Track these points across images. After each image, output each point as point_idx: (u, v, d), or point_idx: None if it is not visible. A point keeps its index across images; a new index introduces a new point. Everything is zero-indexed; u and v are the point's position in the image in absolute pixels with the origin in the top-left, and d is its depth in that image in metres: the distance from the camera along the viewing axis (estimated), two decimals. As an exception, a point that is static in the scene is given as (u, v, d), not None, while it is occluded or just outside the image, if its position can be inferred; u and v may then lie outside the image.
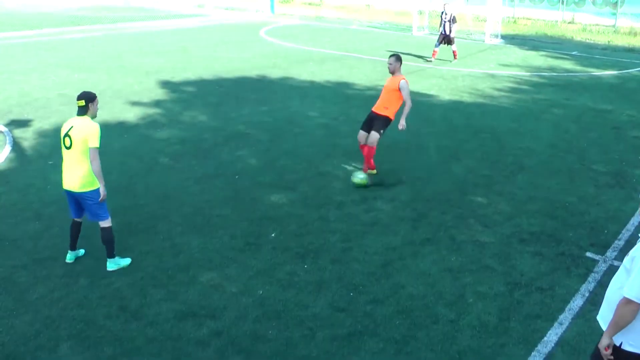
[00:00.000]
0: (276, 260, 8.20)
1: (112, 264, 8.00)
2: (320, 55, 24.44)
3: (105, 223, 7.90)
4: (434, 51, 23.33)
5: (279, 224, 9.25)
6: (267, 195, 10.30)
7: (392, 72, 11.13)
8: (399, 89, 10.88)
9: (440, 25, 23.16)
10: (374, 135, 10.93)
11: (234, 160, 12.01)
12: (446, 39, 22.90)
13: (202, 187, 10.70)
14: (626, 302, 4.44)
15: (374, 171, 11.29)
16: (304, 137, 13.55)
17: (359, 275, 7.83)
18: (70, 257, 8.18)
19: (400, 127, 10.97)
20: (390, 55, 11.30)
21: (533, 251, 8.50)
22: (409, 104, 10.95)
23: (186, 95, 17.33)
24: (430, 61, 23.14)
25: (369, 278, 7.76)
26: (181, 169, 11.57)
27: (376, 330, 6.72)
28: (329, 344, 6.50)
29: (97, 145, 7.63)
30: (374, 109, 11.28)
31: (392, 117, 11.08)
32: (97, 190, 7.72)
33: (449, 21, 22.56)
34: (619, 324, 4.53)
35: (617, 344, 4.65)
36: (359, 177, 10.57)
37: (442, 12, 22.94)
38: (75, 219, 8.10)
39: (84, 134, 7.58)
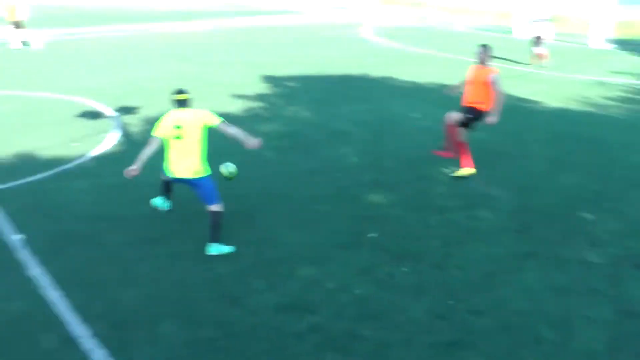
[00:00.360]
0: (375, 260, 8.15)
1: (214, 249, 8.18)
2: (422, 55, 24.24)
3: (217, 207, 8.20)
4: (538, 54, 22.89)
5: (379, 224, 9.19)
6: (368, 195, 10.27)
7: (482, 62, 10.93)
8: (491, 83, 10.68)
9: (535, 27, 22.85)
10: (457, 116, 10.86)
11: (336, 158, 12.03)
12: (539, 40, 22.66)
13: (303, 182, 10.77)
14: None
15: (473, 170, 11.19)
16: (406, 139, 13.43)
17: (459, 283, 7.68)
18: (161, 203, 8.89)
19: (492, 121, 10.75)
20: (480, 45, 11.13)
21: (645, 275, 8.11)
22: (501, 99, 10.73)
23: (289, 90, 17.49)
24: (539, 65, 22.75)
25: (469, 287, 7.60)
26: (283, 163, 11.67)
27: (475, 342, 6.56)
28: (426, 350, 6.40)
29: (221, 120, 8.20)
30: (466, 103, 11.10)
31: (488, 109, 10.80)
32: (210, 177, 8.16)
33: (544, 22, 22.51)
34: None
35: None
36: (229, 169, 8.73)
37: (536, 15, 22.75)
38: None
39: (200, 122, 8.07)
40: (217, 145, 9.43)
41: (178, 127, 7.97)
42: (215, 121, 8.12)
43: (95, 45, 23.78)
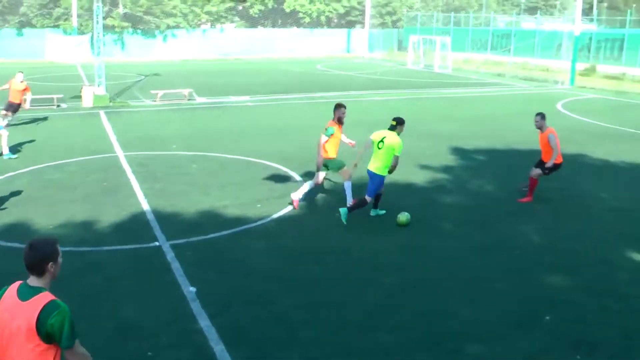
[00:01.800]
0: (547, 345, 7.90)
1: (344, 213, 11.83)
2: (618, 132, 23.26)
3: (368, 198, 11.93)
4: None
5: (555, 307, 8.90)
6: (545, 276, 10.00)
7: (540, 128, 13.50)
8: (548, 141, 13.27)
9: None
10: (537, 171, 13.61)
11: (516, 235, 11.83)
12: None
13: (479, 257, 10.70)
14: None
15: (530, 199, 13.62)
16: (592, 220, 12.93)
17: (637, 377, 7.28)
18: (373, 212, 12.44)
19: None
20: (537, 114, 13.59)
21: None
22: (556, 152, 13.24)
23: (476, 163, 17.46)
24: None
25: (648, 382, 7.18)
26: (462, 236, 11.65)
27: None
28: None
29: (399, 153, 11.70)
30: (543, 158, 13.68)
31: (558, 161, 13.47)
32: (382, 177, 11.84)
33: None
34: None
35: None
36: (404, 217, 11.99)
37: None
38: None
39: (392, 143, 11.68)
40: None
41: (381, 142, 11.79)
42: (396, 152, 11.73)
43: (288, 111, 25.02)
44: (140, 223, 11.98)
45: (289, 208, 12.88)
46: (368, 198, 12.01)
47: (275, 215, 12.49)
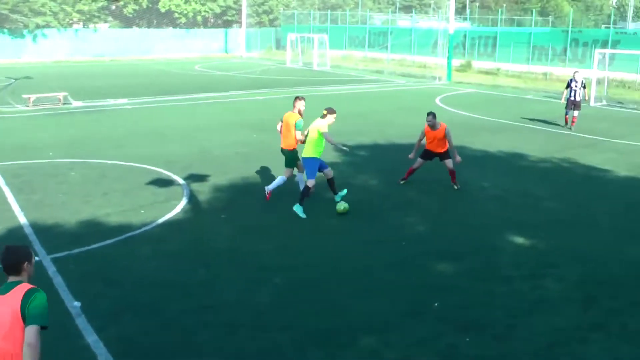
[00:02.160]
0: (438, 330, 8.16)
1: (297, 208, 12.48)
2: (494, 124, 24.29)
3: (310, 182, 12.63)
4: (565, 118, 23.92)
5: (443, 293, 9.21)
6: (433, 264, 10.32)
7: (433, 127, 14.43)
8: (445, 135, 14.39)
9: (566, 90, 23.67)
10: (451, 162, 14.53)
11: (402, 226, 12.16)
12: (575, 104, 23.36)
13: (368, 250, 10.90)
14: None
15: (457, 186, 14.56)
16: (474, 208, 13.48)
17: (522, 355, 7.62)
18: (337, 197, 13.15)
19: (457, 160, 14.41)
20: (429, 114, 14.50)
21: None
22: (452, 144, 14.62)
23: (360, 159, 17.76)
24: (567, 127, 23.62)
25: (532, 359, 7.55)
26: (349, 231, 11.84)
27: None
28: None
29: (326, 130, 12.72)
30: (432, 149, 14.68)
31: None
32: (309, 159, 12.71)
33: (580, 88, 23.24)
34: None
35: None
36: (342, 206, 12.62)
37: (572, 80, 23.47)
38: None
39: (316, 127, 12.68)
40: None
41: (309, 130, 12.99)
42: (323, 130, 12.71)
43: (168, 113, 24.65)
44: (17, 238, 11.09)
45: (174, 212, 12.68)
46: (310, 182, 12.70)
47: (160, 220, 12.21)
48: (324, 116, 13.04)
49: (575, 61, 41.58)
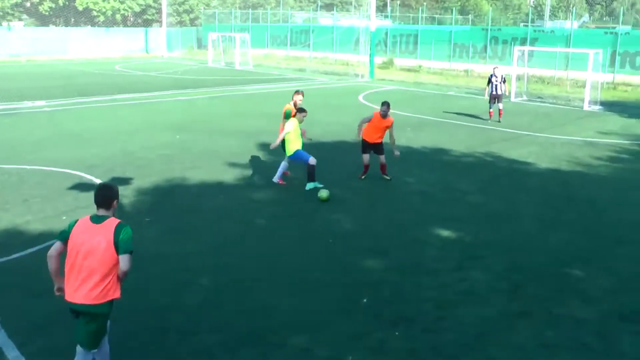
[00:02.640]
0: (368, 326, 8.17)
1: (311, 185, 14.07)
2: (417, 120, 24.58)
3: (311, 161, 14.12)
4: (489, 112, 24.84)
5: (372, 289, 9.24)
6: (361, 260, 10.34)
7: (384, 116, 14.99)
8: (391, 125, 15.09)
9: (488, 86, 24.62)
10: (384, 157, 14.98)
11: (330, 224, 12.14)
12: (497, 98, 24.35)
13: (296, 249, 10.84)
14: None
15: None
16: (400, 203, 13.58)
17: (452, 345, 7.71)
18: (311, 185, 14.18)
19: (397, 154, 15.15)
20: (384, 103, 15.10)
21: (636, 330, 8.15)
22: (395, 136, 15.28)
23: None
24: (491, 120, 24.55)
25: (462, 349, 7.63)
26: (276, 231, 11.77)
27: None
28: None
29: (289, 130, 14.15)
30: (371, 140, 15.03)
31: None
32: (295, 152, 14.23)
33: (500, 83, 24.19)
34: None
35: None
36: (324, 193, 12.75)
37: (492, 75, 24.41)
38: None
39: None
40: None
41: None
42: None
43: (89, 115, 24.06)
44: None
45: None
46: (311, 160, 14.21)
47: (84, 228, 11.85)
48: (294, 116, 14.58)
49: (495, 58, 42.53)
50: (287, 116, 15.17)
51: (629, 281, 9.69)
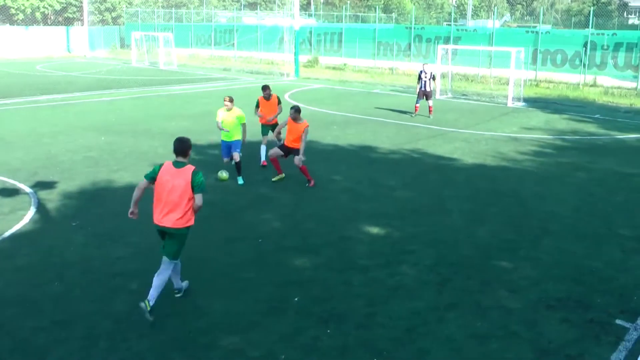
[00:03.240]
0: (300, 324, 8.15)
1: (241, 180, 14.80)
2: (343, 118, 24.67)
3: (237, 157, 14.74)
4: (415, 107, 25.52)
5: (302, 288, 9.23)
6: (291, 259, 10.31)
7: (294, 120, 14.66)
8: (303, 132, 14.50)
9: (418, 83, 25.46)
10: (300, 158, 14.48)
11: (258, 224, 12.07)
12: (426, 95, 25.21)
13: (226, 250, 10.74)
14: None
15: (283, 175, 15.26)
16: (328, 201, 13.60)
17: (383, 340, 7.75)
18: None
19: (301, 159, 14.45)
20: (292, 108, 14.73)
21: (560, 317, 8.39)
22: (305, 143, 14.64)
23: (211, 158, 17.51)
24: (414, 116, 25.37)
25: (393, 343, 7.69)
26: (205, 231, 11.59)
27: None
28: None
29: (244, 122, 14.99)
30: (288, 144, 14.90)
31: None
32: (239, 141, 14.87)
33: (429, 79, 25.13)
34: None
35: None
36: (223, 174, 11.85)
37: (421, 72, 25.29)
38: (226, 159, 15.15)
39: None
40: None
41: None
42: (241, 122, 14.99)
43: (9, 118, 23.33)
44: None
45: (22, 223, 11.90)
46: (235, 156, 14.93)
47: (7, 234, 11.37)
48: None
49: (420, 56, 43.05)
50: (256, 106, 17.18)
51: (554, 270, 9.95)
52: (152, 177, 8.48)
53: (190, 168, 8.34)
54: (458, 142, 20.19)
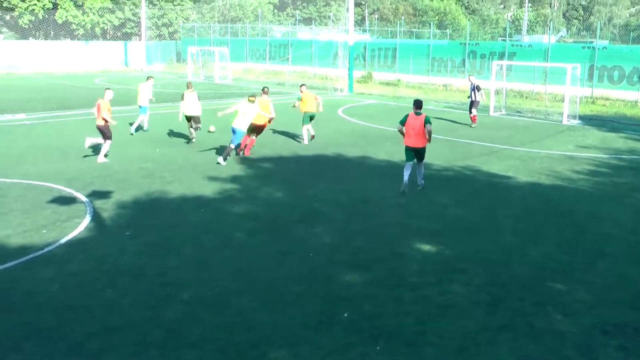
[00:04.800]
0: (348, 340, 8.11)
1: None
2: (397, 134, 24.49)
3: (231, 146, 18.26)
4: (472, 117, 27.33)
5: (352, 303, 9.18)
6: (341, 275, 10.28)
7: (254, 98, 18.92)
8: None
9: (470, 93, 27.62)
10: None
11: (309, 238, 12.08)
12: (471, 104, 27.32)
13: (276, 263, 10.77)
14: None
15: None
16: (380, 217, 13.54)
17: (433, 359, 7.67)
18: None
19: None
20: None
21: (618, 345, 8.13)
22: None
23: (264, 171, 17.65)
24: (472, 126, 27.00)
25: (443, 363, 7.60)
26: (256, 245, 11.69)
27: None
28: None
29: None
30: (255, 122, 19.21)
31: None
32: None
33: (473, 90, 27.10)
34: None
35: None
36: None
37: (471, 83, 27.81)
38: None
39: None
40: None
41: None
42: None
43: (69, 128, 23.84)
44: None
45: (77, 231, 12.16)
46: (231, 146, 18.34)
47: (63, 240, 11.68)
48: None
49: (474, 72, 42.60)
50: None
51: (610, 294, 9.69)
52: (403, 122, 15.38)
53: (423, 115, 15.23)
54: (512, 159, 19.93)
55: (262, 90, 21.62)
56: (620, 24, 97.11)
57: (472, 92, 27.18)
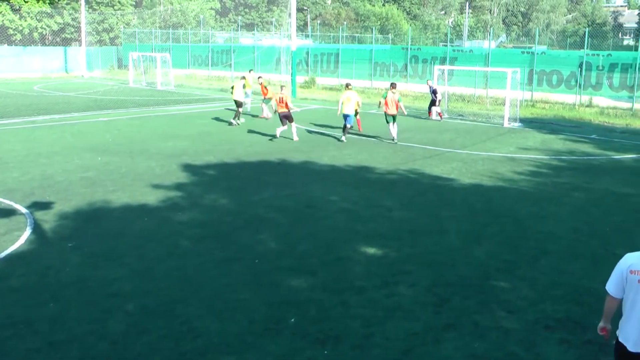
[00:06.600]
0: (296, 345, 8.09)
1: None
2: (335, 142, 24.65)
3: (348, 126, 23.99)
4: (429, 113, 31.64)
5: (298, 308, 9.16)
6: (287, 280, 10.25)
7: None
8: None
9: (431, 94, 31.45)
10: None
11: (254, 244, 12.01)
12: (434, 103, 31.32)
13: (221, 270, 10.68)
14: None
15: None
16: (325, 222, 13.55)
17: (380, 362, 7.70)
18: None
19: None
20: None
21: (559, 338, 8.33)
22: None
23: (208, 178, 17.49)
24: (433, 119, 31.06)
25: (390, 365, 7.63)
26: (201, 252, 11.57)
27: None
28: None
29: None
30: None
31: None
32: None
33: (432, 92, 31.24)
34: None
35: None
36: None
37: (429, 87, 31.73)
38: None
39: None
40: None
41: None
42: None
43: (6, 138, 23.28)
44: None
45: (17, 244, 11.81)
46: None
47: (3, 255, 11.29)
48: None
49: (416, 77, 43.24)
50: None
51: (552, 291, 9.90)
52: (384, 97, 16.24)
53: (398, 93, 15.48)
54: (455, 162, 20.18)
55: (346, 86, 25.37)
56: (557, 30, 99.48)
57: (432, 94, 31.12)
